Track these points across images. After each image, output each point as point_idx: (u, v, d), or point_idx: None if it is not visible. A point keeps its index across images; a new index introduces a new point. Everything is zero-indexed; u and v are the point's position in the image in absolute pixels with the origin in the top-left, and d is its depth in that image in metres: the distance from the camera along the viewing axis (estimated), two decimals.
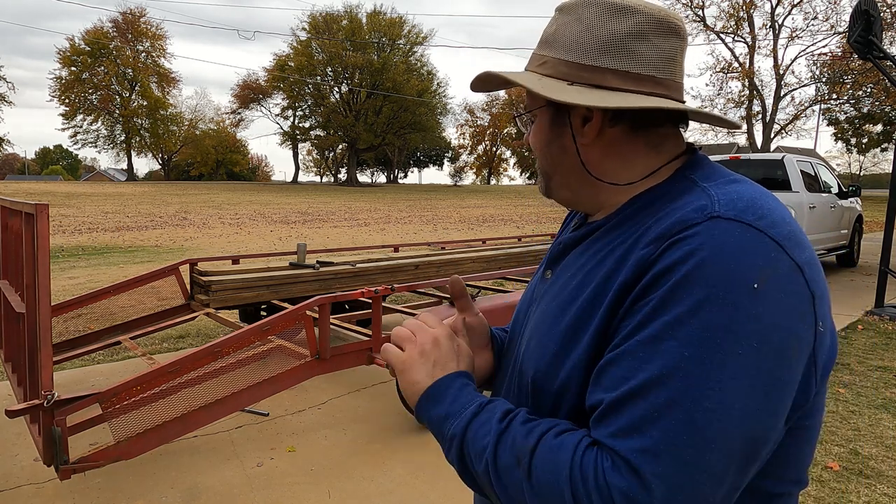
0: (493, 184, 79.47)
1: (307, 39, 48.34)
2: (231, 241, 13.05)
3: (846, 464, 2.89)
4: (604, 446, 0.57)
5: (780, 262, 0.58)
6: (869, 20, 5.65)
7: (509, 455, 0.62)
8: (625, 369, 0.58)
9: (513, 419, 0.66)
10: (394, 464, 2.91)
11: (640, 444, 0.55)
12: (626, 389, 0.57)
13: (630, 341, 0.59)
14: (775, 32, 30.93)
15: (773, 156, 7.79)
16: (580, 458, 0.58)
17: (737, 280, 0.56)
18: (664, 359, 0.56)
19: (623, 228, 0.70)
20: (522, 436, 0.63)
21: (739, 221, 0.59)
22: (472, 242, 6.76)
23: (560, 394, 0.67)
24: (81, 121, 52.43)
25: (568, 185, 0.78)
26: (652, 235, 0.62)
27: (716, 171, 0.70)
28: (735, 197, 0.62)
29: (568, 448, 0.59)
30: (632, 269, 0.62)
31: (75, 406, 2.20)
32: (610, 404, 0.58)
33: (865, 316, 6.12)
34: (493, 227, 18.03)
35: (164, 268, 4.24)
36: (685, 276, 0.57)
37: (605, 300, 0.64)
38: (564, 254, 0.79)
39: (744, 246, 0.57)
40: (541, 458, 0.60)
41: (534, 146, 0.79)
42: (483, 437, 0.65)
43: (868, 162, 64.56)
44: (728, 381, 0.54)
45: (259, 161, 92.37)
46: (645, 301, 0.59)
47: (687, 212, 0.62)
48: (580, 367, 0.65)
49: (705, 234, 0.58)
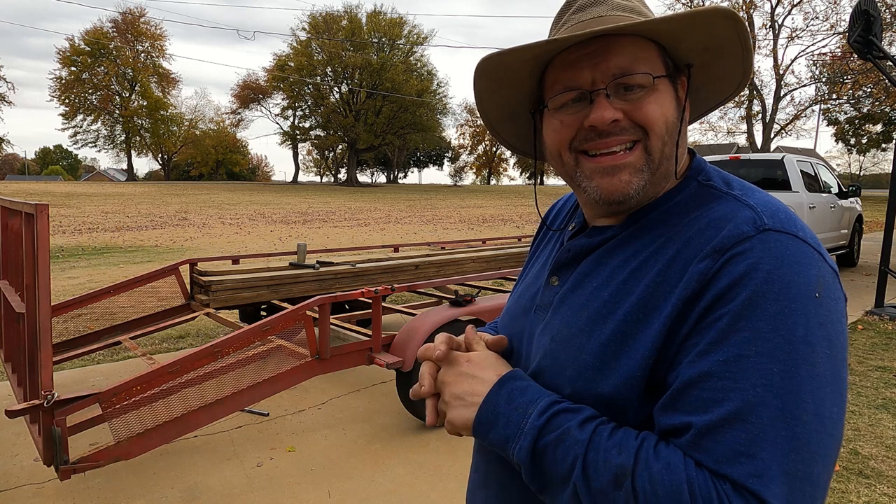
0: (493, 184, 79.55)
1: (307, 39, 48.37)
2: (231, 241, 13.05)
3: (846, 464, 2.89)
4: (714, 473, 0.56)
5: (825, 269, 0.60)
6: (869, 20, 5.65)
7: (604, 472, 0.59)
8: (711, 391, 0.57)
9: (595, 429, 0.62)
10: (394, 464, 2.91)
11: (753, 469, 0.54)
12: (723, 412, 0.56)
13: (708, 360, 0.58)
14: (775, 32, 30.92)
15: (773, 156, 7.78)
16: (697, 481, 0.55)
17: (803, 291, 0.57)
18: (755, 377, 0.55)
19: (649, 238, 0.68)
20: (615, 451, 0.60)
21: (788, 233, 0.60)
22: (472, 242, 6.76)
23: (608, 409, 0.65)
24: (81, 121, 52.57)
25: (665, 174, 0.71)
26: (706, 249, 0.62)
27: (723, 176, 0.72)
28: (774, 209, 0.64)
29: (678, 469, 0.56)
30: (693, 284, 0.61)
31: (75, 406, 2.20)
32: (705, 428, 0.56)
33: (865, 316, 6.12)
34: (493, 227, 18.03)
35: (164, 268, 4.24)
36: (755, 290, 0.57)
37: (659, 314, 0.62)
38: (576, 261, 0.76)
39: (799, 258, 0.59)
40: (647, 478, 0.57)
41: (654, 117, 0.67)
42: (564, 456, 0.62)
43: (868, 162, 64.61)
44: (817, 391, 0.55)
45: (259, 161, 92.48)
46: (715, 317, 0.59)
47: (737, 223, 0.62)
48: (634, 381, 0.63)
49: (762, 248, 0.59)
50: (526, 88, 0.77)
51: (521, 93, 0.78)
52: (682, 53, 0.70)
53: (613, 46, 0.67)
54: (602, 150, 0.68)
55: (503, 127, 0.85)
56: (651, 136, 0.67)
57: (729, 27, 0.65)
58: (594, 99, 0.67)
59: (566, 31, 0.70)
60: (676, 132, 0.69)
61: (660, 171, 0.69)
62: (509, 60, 0.71)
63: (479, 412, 0.69)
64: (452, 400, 0.72)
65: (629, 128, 0.67)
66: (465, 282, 3.96)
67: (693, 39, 0.68)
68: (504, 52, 0.69)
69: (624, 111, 0.67)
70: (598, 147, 0.69)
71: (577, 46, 0.68)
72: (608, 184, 0.68)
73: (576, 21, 0.70)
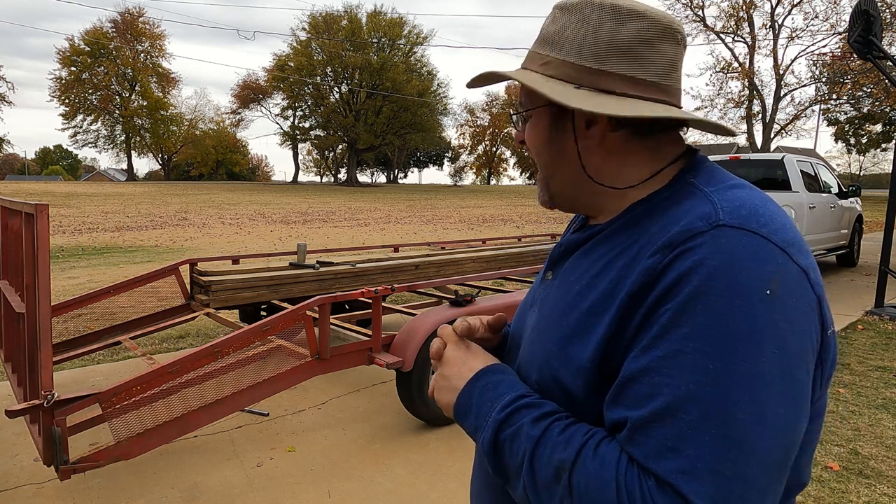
0: (493, 184, 79.53)
1: (307, 39, 48.37)
2: (231, 241, 13.05)
3: (846, 464, 2.89)
4: (643, 467, 0.56)
5: (787, 267, 0.58)
6: (869, 20, 5.65)
7: (547, 467, 0.61)
8: (648, 386, 0.57)
9: (549, 426, 0.64)
10: (394, 464, 2.91)
11: (678, 465, 0.54)
12: (655, 407, 0.56)
13: (648, 356, 0.58)
14: (775, 32, 30.93)
15: (773, 156, 7.78)
16: (624, 478, 0.56)
17: (751, 288, 0.56)
18: (689, 373, 0.55)
19: (626, 234, 0.69)
20: (562, 447, 0.61)
21: (744, 229, 0.59)
22: (472, 242, 6.76)
23: (569, 398, 0.66)
24: (81, 121, 52.59)
25: (567, 186, 0.77)
26: (658, 244, 0.62)
27: (716, 174, 0.70)
28: (738, 204, 0.62)
29: (610, 466, 0.57)
30: (640, 279, 0.61)
31: (75, 406, 2.20)
32: (638, 423, 0.57)
33: (865, 316, 6.12)
34: (493, 227, 18.03)
35: (164, 268, 4.24)
36: (698, 286, 0.56)
37: (611, 308, 0.63)
38: (566, 256, 0.78)
39: (752, 254, 0.57)
40: (583, 474, 0.58)
41: (530, 144, 0.78)
42: (517, 450, 0.65)
43: (868, 162, 64.61)
44: (757, 391, 0.54)
45: (259, 161, 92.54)
46: (658, 313, 0.59)
47: (691, 219, 0.61)
48: (585, 373, 0.64)
49: (712, 244, 0.58)
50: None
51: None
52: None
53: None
54: None
55: None
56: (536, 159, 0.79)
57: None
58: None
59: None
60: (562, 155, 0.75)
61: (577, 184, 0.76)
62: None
63: (457, 399, 0.74)
64: (440, 379, 0.77)
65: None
66: (465, 282, 3.96)
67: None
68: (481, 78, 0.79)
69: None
70: None
71: None
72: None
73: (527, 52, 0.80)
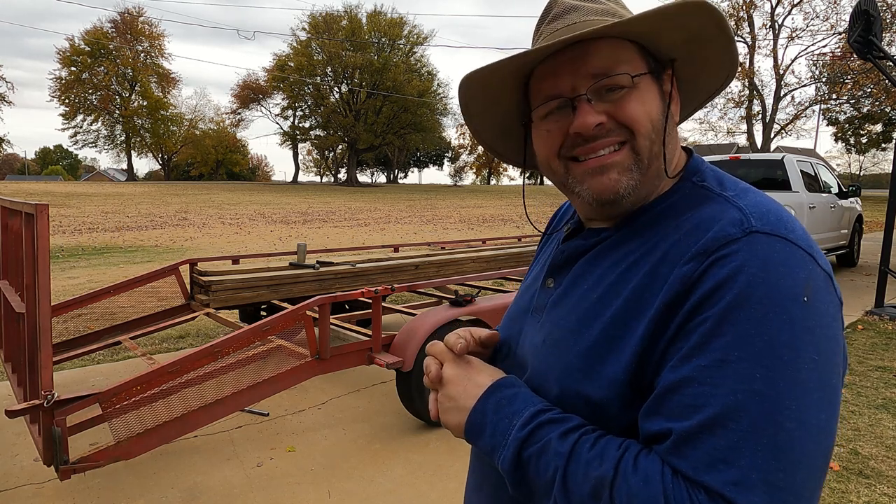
0: (493, 184, 79.57)
1: (307, 39, 48.36)
2: (231, 241, 13.05)
3: (846, 464, 2.89)
4: (691, 480, 0.55)
5: (816, 273, 0.58)
6: (869, 20, 5.65)
7: (583, 484, 0.59)
8: (691, 397, 0.56)
9: (578, 440, 0.62)
10: (394, 464, 2.91)
11: (730, 477, 0.53)
12: (703, 418, 0.55)
13: (689, 365, 0.57)
14: (775, 32, 30.92)
15: (773, 156, 7.78)
16: (673, 493, 0.54)
17: (789, 294, 0.56)
18: (735, 382, 0.54)
19: (642, 239, 0.68)
20: (596, 462, 0.59)
21: (776, 235, 0.59)
22: (472, 242, 6.76)
23: (595, 411, 0.65)
24: (81, 121, 52.59)
25: (657, 173, 0.70)
26: (691, 251, 0.61)
27: (722, 177, 0.70)
28: (764, 210, 0.62)
29: (655, 480, 0.56)
30: (674, 287, 0.60)
31: (75, 406, 2.20)
32: (685, 435, 0.55)
33: (865, 316, 6.12)
34: (493, 227, 18.03)
35: (164, 268, 4.24)
36: (738, 294, 0.56)
37: (643, 318, 0.62)
38: (570, 263, 0.76)
39: (786, 260, 0.57)
40: (626, 492, 0.56)
41: (637, 120, 0.67)
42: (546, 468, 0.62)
43: (868, 162, 64.52)
44: (801, 398, 0.54)
45: (259, 161, 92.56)
46: (697, 322, 0.58)
47: (723, 225, 0.61)
48: (618, 384, 0.63)
49: (748, 250, 0.58)
50: (513, 102, 0.78)
51: (509, 107, 0.79)
52: (664, 49, 0.70)
53: (590, 51, 0.67)
54: (590, 155, 0.69)
55: (499, 144, 0.86)
56: (637, 136, 0.67)
57: (703, 16, 0.64)
58: (577, 105, 0.68)
59: (543, 40, 0.71)
60: (663, 129, 0.69)
61: (650, 169, 0.69)
62: (490, 79, 0.72)
63: (468, 419, 0.69)
64: (446, 400, 0.73)
65: (615, 129, 0.67)
66: (465, 282, 3.96)
67: (671, 34, 0.67)
68: (483, 70, 0.71)
69: (607, 113, 0.67)
70: (585, 152, 0.69)
71: (554, 55, 0.69)
72: (598, 183, 0.68)
73: (552, 30, 0.70)
